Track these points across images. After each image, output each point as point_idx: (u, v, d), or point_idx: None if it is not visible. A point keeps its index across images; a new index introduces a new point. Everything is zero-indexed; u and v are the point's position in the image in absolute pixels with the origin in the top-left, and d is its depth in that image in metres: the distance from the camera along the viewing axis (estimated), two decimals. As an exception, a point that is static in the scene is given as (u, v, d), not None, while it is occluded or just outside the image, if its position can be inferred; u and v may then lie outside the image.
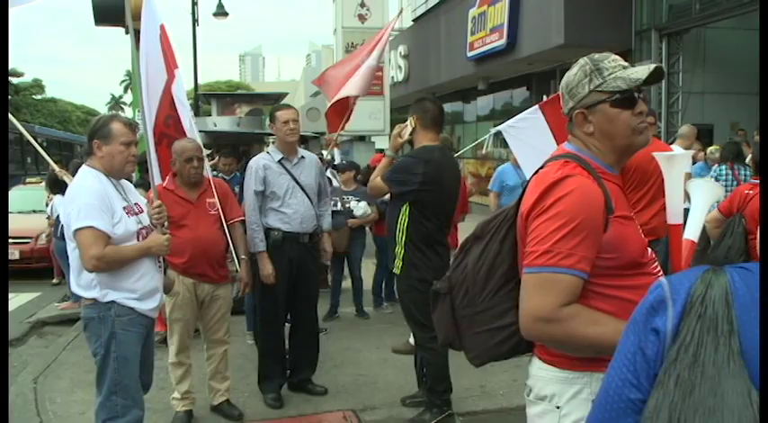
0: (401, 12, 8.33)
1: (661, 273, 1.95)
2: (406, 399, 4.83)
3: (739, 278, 1.05)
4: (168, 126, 4.75)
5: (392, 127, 6.63)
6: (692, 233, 3.29)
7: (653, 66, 1.91)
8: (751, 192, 4.27)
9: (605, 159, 1.96)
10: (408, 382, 5.00)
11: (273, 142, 4.92)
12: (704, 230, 4.44)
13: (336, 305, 7.45)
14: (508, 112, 14.94)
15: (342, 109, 6.93)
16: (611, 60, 1.94)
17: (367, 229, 7.82)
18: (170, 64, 5.16)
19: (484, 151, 6.74)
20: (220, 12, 20.80)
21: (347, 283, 7.68)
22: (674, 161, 3.24)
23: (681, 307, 1.06)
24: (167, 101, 4.78)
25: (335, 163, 8.46)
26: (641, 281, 1.84)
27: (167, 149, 4.59)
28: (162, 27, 5.00)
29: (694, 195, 3.36)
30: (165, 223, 3.59)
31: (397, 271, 4.42)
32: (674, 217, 3.55)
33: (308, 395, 5.02)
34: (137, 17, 4.38)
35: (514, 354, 2.06)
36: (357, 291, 7.54)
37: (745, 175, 7.02)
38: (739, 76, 11.07)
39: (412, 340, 4.86)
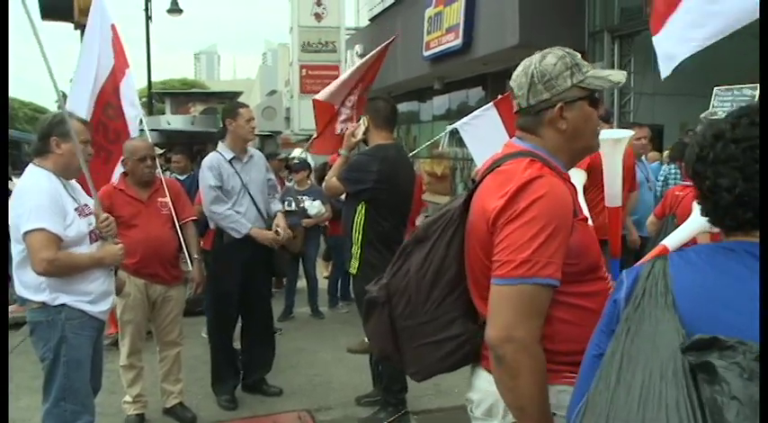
0: (394, 38, 8.33)
1: (609, 276, 1.90)
2: (361, 398, 4.83)
3: (676, 255, 1.36)
4: (106, 116, 4.71)
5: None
6: (670, 240, 3.27)
7: (625, 72, 1.93)
8: (681, 193, 4.42)
9: (561, 158, 1.87)
10: (363, 381, 4.99)
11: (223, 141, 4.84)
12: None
13: (291, 305, 7.42)
14: (464, 111, 15.05)
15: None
16: (580, 58, 1.87)
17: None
18: (121, 63, 5.08)
19: (439, 149, 6.76)
20: (174, 9, 20.49)
21: (302, 283, 7.63)
22: (618, 144, 3.24)
23: (631, 281, 1.35)
24: (110, 88, 4.74)
25: (296, 161, 8.39)
26: (597, 287, 1.81)
27: (103, 137, 4.54)
28: (113, 27, 4.93)
29: (695, 212, 3.31)
30: (114, 232, 3.48)
31: (353, 271, 4.41)
32: (612, 199, 3.56)
33: (262, 396, 4.98)
34: (85, 13, 4.29)
35: (460, 366, 1.94)
36: (312, 291, 7.52)
37: None
38: (688, 78, 11.31)
39: (367, 339, 4.84)
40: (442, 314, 1.88)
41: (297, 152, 12.13)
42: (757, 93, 6.90)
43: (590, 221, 2.21)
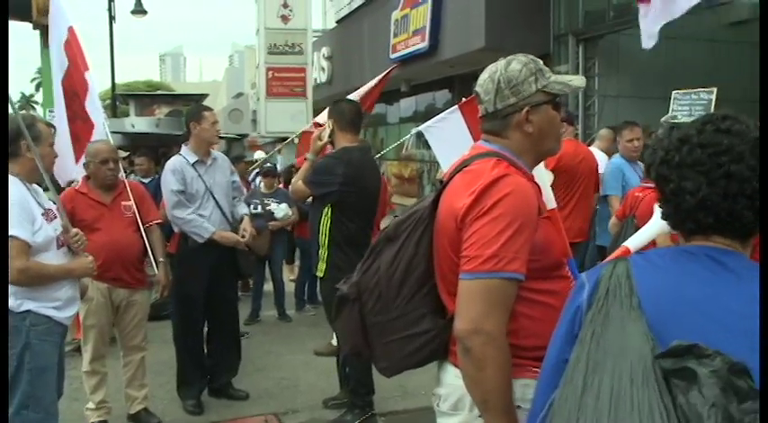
0: (393, 68, 8.45)
1: (571, 274, 1.96)
2: (328, 400, 4.82)
3: (638, 256, 1.37)
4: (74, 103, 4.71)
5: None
6: (632, 242, 3.31)
7: (583, 78, 2.01)
8: (641, 194, 4.50)
9: (526, 159, 1.95)
10: (331, 384, 4.99)
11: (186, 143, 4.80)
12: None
13: (258, 309, 7.38)
14: (431, 113, 15.14)
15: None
16: (542, 64, 1.96)
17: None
18: (79, 65, 5.04)
19: (404, 151, 6.79)
20: (138, 10, 20.24)
21: (269, 287, 7.60)
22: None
23: (593, 283, 1.33)
24: (68, 90, 4.75)
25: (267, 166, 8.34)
26: (560, 285, 1.86)
27: (83, 125, 4.51)
28: (70, 29, 4.88)
29: (654, 217, 3.29)
30: (84, 246, 3.44)
31: (320, 273, 4.42)
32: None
33: (228, 400, 4.95)
34: (43, 12, 4.24)
35: (429, 362, 1.99)
36: (279, 294, 7.48)
37: None
38: (651, 80, 11.53)
39: (335, 342, 4.85)
40: (412, 310, 1.93)
41: (259, 155, 12.07)
42: (713, 97, 7.07)
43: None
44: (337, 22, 22.49)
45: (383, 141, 20.03)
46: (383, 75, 7.79)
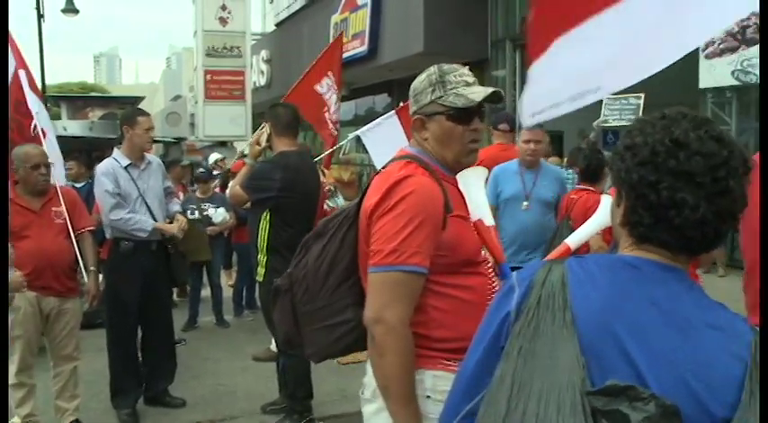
0: (341, 34, 8.37)
1: (493, 273, 2.04)
2: (267, 406, 4.79)
3: (576, 263, 1.23)
4: (18, 112, 4.58)
5: (254, 132, 6.57)
6: (572, 240, 3.38)
7: (491, 89, 2.02)
8: (575, 197, 4.65)
9: (443, 162, 2.05)
10: (269, 389, 4.95)
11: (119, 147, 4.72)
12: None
13: (195, 315, 7.26)
14: (371, 117, 15.21)
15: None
16: (458, 74, 2.01)
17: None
18: (18, 62, 4.94)
19: (341, 155, 6.81)
20: (70, 8, 19.68)
21: (206, 292, 7.51)
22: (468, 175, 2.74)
23: (524, 289, 1.22)
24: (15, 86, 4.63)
25: (201, 171, 8.24)
26: (474, 281, 1.96)
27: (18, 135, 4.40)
28: None
29: (599, 211, 3.34)
30: (14, 261, 3.33)
31: (259, 278, 4.40)
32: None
33: (165, 408, 4.86)
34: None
35: (353, 350, 2.10)
36: (217, 299, 7.39)
37: None
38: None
39: (273, 347, 4.82)
40: (336, 300, 2.05)
41: (214, 157, 11.86)
42: (641, 102, 7.34)
43: (491, 222, 2.31)
44: (276, 25, 22.37)
45: (323, 145, 20.00)
46: (332, 43, 7.70)
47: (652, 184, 1.16)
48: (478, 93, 1.99)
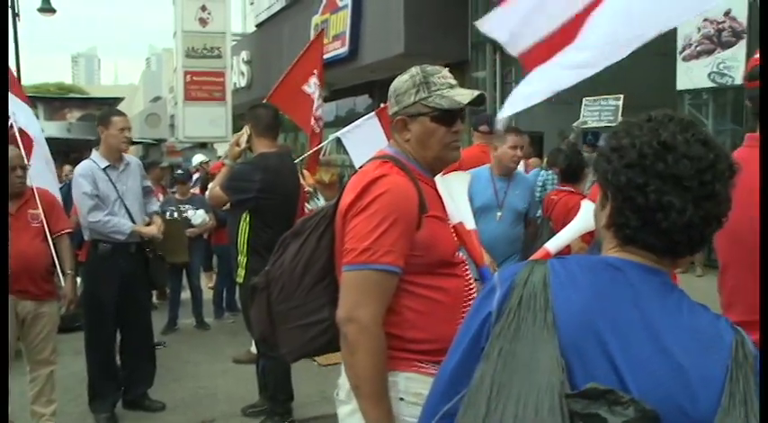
0: (321, 31, 8.31)
1: (470, 275, 2.05)
2: (247, 408, 4.76)
3: (558, 264, 1.22)
4: None
5: (235, 133, 6.51)
6: (551, 244, 3.37)
7: (476, 92, 2.04)
8: (556, 197, 4.67)
9: (422, 164, 2.05)
10: (249, 391, 4.93)
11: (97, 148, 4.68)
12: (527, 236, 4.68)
13: (175, 317, 7.22)
14: (351, 118, 15.24)
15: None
16: (441, 76, 2.02)
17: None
18: None
19: (321, 156, 6.78)
20: (46, 8, 19.41)
21: (186, 295, 7.46)
22: (451, 180, 2.67)
23: (505, 289, 1.21)
24: None
25: (180, 172, 8.19)
26: (450, 283, 1.95)
27: None
28: None
29: (579, 216, 3.33)
30: None
31: (239, 280, 4.39)
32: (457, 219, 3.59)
33: (144, 412, 4.82)
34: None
35: (328, 350, 2.08)
36: (197, 302, 7.35)
37: None
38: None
39: (254, 349, 4.79)
40: (312, 300, 2.03)
41: (199, 158, 11.76)
42: (620, 103, 7.39)
43: (472, 226, 2.31)
44: (257, 26, 22.29)
45: (304, 146, 19.96)
46: (313, 41, 7.62)
47: (640, 186, 1.15)
48: (464, 95, 2.00)
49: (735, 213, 1.20)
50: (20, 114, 5.04)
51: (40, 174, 4.76)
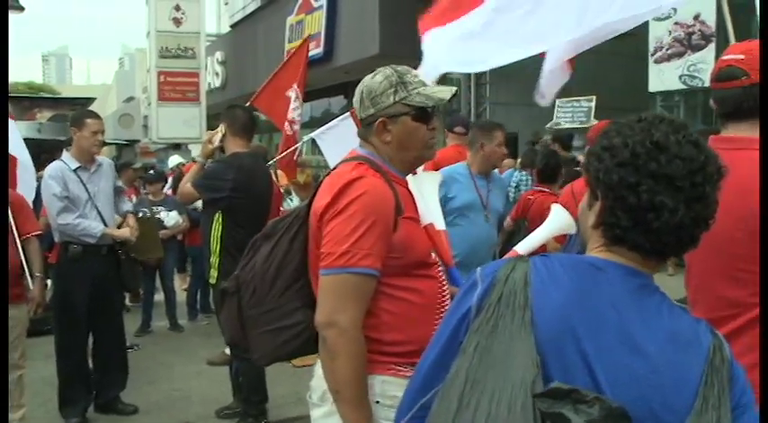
0: (307, 38, 8.25)
1: (444, 277, 2.05)
2: (221, 410, 4.73)
3: (541, 262, 1.22)
4: None
5: (209, 134, 6.46)
6: (521, 246, 3.36)
7: (453, 88, 2.05)
8: (532, 197, 4.70)
9: (395, 165, 2.04)
10: (224, 393, 4.89)
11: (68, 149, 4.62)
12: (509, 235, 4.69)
13: (149, 319, 7.15)
14: (326, 119, 15.22)
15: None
16: (413, 75, 2.02)
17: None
18: None
19: (296, 157, 6.77)
20: (14, 5, 19.10)
21: (160, 296, 7.39)
22: (422, 179, 2.61)
23: (486, 285, 1.21)
24: None
25: (151, 173, 8.13)
26: (425, 284, 1.95)
27: None
28: None
29: (549, 220, 3.25)
30: None
31: (212, 281, 4.36)
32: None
33: (117, 415, 4.77)
34: None
35: (301, 353, 2.07)
36: (170, 303, 7.29)
37: None
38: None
39: (228, 351, 4.76)
40: (285, 303, 2.01)
41: (176, 160, 11.61)
42: (593, 104, 7.48)
43: (443, 227, 2.31)
44: (231, 26, 22.16)
45: (278, 147, 19.88)
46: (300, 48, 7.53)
47: (632, 185, 1.14)
48: (444, 91, 2.01)
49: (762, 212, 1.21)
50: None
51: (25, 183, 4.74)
